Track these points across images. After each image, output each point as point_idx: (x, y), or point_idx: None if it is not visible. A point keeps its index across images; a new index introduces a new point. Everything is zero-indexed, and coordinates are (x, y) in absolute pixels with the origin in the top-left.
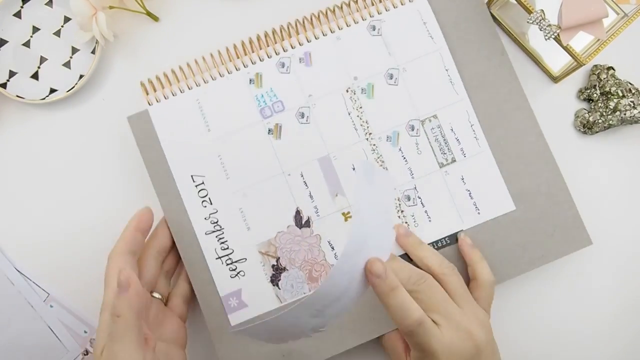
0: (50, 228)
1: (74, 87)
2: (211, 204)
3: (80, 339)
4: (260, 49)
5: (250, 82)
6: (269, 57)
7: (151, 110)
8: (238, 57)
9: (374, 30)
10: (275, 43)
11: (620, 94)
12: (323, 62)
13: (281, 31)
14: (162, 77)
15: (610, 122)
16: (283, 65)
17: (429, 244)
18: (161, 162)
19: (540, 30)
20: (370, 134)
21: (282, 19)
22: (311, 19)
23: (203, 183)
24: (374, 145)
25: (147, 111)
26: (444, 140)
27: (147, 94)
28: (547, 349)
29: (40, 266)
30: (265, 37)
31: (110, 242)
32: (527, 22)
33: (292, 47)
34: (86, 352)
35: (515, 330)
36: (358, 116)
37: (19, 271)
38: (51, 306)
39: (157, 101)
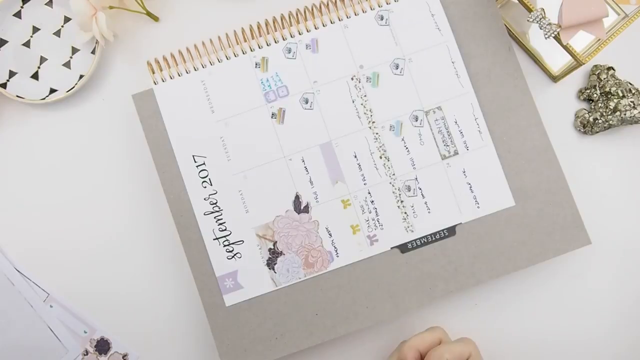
0: (50, 228)
1: (74, 87)
2: (211, 184)
3: (80, 339)
4: (268, 34)
5: (255, 66)
6: (275, 42)
7: (156, 89)
8: (245, 41)
9: (382, 19)
10: (283, 29)
11: (621, 94)
12: (329, 49)
13: (289, 17)
14: (168, 57)
15: (611, 122)
16: (289, 50)
17: (427, 235)
18: (164, 142)
19: (541, 28)
20: (373, 122)
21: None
22: (320, 6)
23: (204, 164)
24: (377, 134)
25: (152, 90)
26: (448, 132)
27: (153, 73)
28: (543, 347)
29: (40, 266)
30: (274, 22)
31: (110, 242)
32: (528, 20)
33: (299, 34)
34: (86, 352)
35: (511, 327)
36: (362, 104)
37: (19, 271)
38: (51, 306)
39: (163, 80)
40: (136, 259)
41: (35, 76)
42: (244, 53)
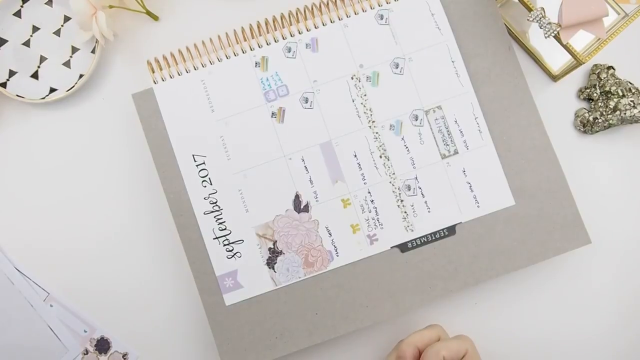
0: (50, 227)
1: (73, 86)
2: (211, 184)
3: (80, 339)
4: (268, 33)
5: (255, 65)
6: (275, 42)
7: (156, 88)
8: (245, 40)
9: (382, 19)
10: (283, 28)
11: (620, 94)
12: (329, 48)
13: (289, 16)
14: (168, 56)
15: (610, 121)
16: (289, 50)
17: (427, 235)
18: (164, 141)
19: (540, 28)
20: (373, 121)
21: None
22: (319, 5)
23: (204, 163)
24: (377, 133)
25: (152, 89)
26: (448, 131)
27: (153, 72)
28: (543, 346)
29: (40, 265)
30: (273, 21)
31: (110, 241)
32: (528, 19)
33: (299, 33)
34: (86, 352)
35: (511, 327)
36: (362, 103)
37: (19, 271)
38: (51, 305)
39: (163, 80)
40: (136, 258)
41: (35, 75)
42: (243, 52)
